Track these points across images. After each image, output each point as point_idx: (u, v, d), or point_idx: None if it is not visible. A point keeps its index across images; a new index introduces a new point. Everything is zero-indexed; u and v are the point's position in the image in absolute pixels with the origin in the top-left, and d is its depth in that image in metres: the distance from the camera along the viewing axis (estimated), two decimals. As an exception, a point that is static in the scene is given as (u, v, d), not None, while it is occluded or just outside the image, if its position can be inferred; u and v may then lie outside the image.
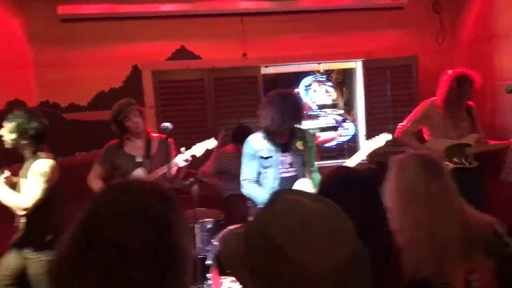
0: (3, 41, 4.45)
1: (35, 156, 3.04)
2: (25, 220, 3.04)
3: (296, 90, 5.96)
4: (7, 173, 3.03)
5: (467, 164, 3.84)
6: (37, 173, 2.97)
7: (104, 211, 0.93)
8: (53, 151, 4.77)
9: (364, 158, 3.58)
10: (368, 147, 3.50)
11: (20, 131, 2.99)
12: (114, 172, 3.63)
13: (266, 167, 3.27)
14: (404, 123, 4.14)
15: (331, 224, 0.94)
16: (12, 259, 3.09)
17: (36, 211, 3.00)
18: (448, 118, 3.98)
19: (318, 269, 0.88)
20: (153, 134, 3.70)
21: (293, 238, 0.90)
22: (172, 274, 0.92)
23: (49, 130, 4.79)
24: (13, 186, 3.08)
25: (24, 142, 3.01)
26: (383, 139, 3.50)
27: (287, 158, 3.26)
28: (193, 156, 3.61)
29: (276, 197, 1.02)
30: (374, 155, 5.36)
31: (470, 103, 4.02)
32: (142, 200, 0.95)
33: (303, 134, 3.33)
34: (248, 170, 3.33)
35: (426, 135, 4.12)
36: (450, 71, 3.96)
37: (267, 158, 3.25)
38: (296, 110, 3.19)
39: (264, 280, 0.93)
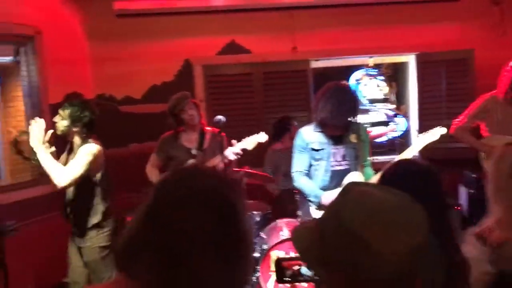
0: (62, 37, 4.66)
1: (84, 142, 3.14)
2: (70, 209, 3.17)
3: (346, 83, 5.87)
4: (53, 148, 3.11)
5: None
6: (83, 153, 3.06)
7: (169, 195, 0.96)
8: (108, 141, 4.98)
9: (416, 154, 3.47)
10: (422, 141, 3.39)
11: (74, 119, 3.12)
12: (169, 162, 3.74)
13: (317, 160, 3.24)
14: (460, 118, 4.02)
15: (403, 212, 0.96)
16: (73, 250, 3.24)
17: (80, 196, 3.11)
18: (510, 112, 3.81)
19: (393, 255, 0.90)
20: (207, 128, 3.77)
21: (368, 225, 0.93)
22: (236, 258, 0.95)
23: (105, 121, 5.01)
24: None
25: (76, 129, 3.13)
26: (437, 133, 3.39)
27: (340, 151, 3.22)
28: (244, 150, 3.64)
29: (347, 188, 1.05)
30: (426, 152, 5.25)
31: None
32: (206, 184, 0.98)
33: (357, 128, 3.27)
34: (299, 162, 3.31)
35: (484, 131, 3.98)
36: None
37: (318, 150, 3.22)
38: (354, 103, 3.18)
39: (340, 270, 0.95)
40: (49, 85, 4.37)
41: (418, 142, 3.40)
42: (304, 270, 3.45)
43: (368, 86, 5.83)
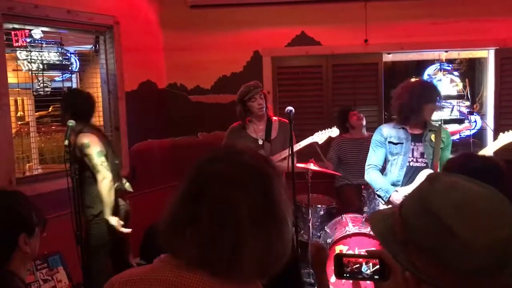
0: (138, 26, 4.83)
1: (80, 131, 3.22)
2: None
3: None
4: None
5: None
6: (94, 155, 3.17)
7: (213, 171, 0.99)
8: (177, 130, 5.16)
9: (492, 154, 3.34)
10: (503, 140, 3.31)
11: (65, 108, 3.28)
12: None
13: (395, 154, 3.24)
14: None
15: (491, 204, 0.95)
16: None
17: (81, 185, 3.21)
18: None
19: (480, 245, 0.90)
20: (274, 118, 3.78)
21: (457, 213, 0.92)
22: (277, 231, 0.98)
23: (175, 110, 5.18)
24: None
25: (69, 117, 3.17)
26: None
27: (419, 148, 3.21)
28: (315, 143, 3.63)
29: (435, 176, 1.04)
30: (502, 153, 4.98)
31: None
32: (248, 160, 1.01)
33: (439, 129, 3.27)
34: (374, 156, 3.34)
35: None
36: None
37: (396, 144, 3.23)
38: (433, 97, 3.16)
39: (422, 254, 0.95)
40: (125, 74, 4.56)
41: (499, 140, 3.34)
42: (365, 268, 3.41)
43: (442, 82, 5.60)
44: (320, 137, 3.68)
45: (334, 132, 3.72)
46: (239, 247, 0.94)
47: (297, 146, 3.56)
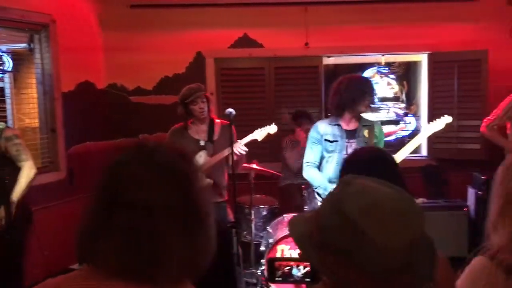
0: (76, 25, 4.68)
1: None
2: None
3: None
4: None
5: None
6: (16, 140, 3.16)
7: (126, 171, 0.94)
8: (118, 131, 5.04)
9: (425, 154, 3.50)
10: (429, 129, 3.46)
11: None
12: None
13: (330, 152, 3.30)
14: (490, 117, 4.04)
15: (401, 205, 0.98)
16: None
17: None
18: None
19: (390, 246, 0.93)
20: (217, 120, 3.78)
21: (368, 215, 0.95)
22: (199, 229, 0.95)
23: (115, 111, 5.06)
24: None
25: None
26: (443, 121, 3.44)
27: (353, 144, 3.28)
28: (254, 141, 3.66)
29: (348, 180, 1.06)
30: (436, 152, 5.23)
31: None
32: (161, 159, 0.96)
33: (372, 124, 3.37)
34: (311, 153, 3.37)
35: (509, 130, 4.00)
36: None
37: (332, 142, 3.29)
38: (367, 91, 3.25)
39: (337, 255, 0.97)
40: (62, 74, 4.40)
41: (425, 131, 3.47)
42: (295, 271, 3.46)
43: (379, 84, 5.81)
44: (259, 134, 3.70)
45: (272, 128, 3.75)
46: (160, 251, 0.90)
47: (238, 145, 3.55)
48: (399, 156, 3.34)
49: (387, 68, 5.87)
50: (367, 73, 5.85)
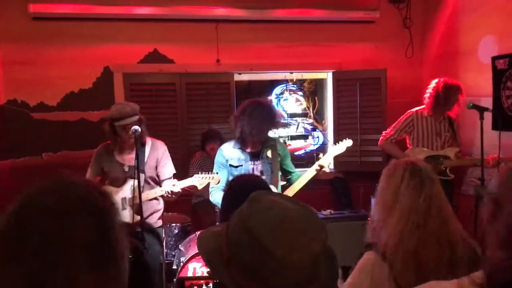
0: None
1: None
2: None
3: (268, 98, 6.02)
4: None
5: (443, 176, 3.91)
6: None
7: (39, 202, 0.88)
8: (20, 150, 4.73)
9: (332, 168, 3.64)
10: (332, 152, 3.59)
11: None
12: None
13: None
14: (388, 130, 4.27)
15: (305, 221, 1.03)
16: None
17: None
18: (432, 126, 4.13)
19: (295, 262, 0.96)
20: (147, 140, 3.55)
21: (273, 232, 0.98)
22: (109, 265, 0.90)
23: (16, 129, 4.75)
24: None
25: None
26: (344, 145, 3.59)
27: (258, 166, 3.34)
28: (193, 187, 3.47)
29: (255, 197, 1.09)
30: (341, 165, 5.49)
31: (451, 114, 4.16)
32: (78, 193, 0.91)
33: (274, 143, 3.42)
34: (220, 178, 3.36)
35: (408, 144, 4.26)
36: (436, 79, 4.10)
37: (237, 167, 3.32)
38: (271, 119, 3.28)
39: (244, 273, 0.99)
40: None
41: (330, 153, 3.61)
42: None
43: (288, 101, 6.02)
44: (200, 181, 3.36)
45: (215, 178, 3.36)
46: (68, 284, 0.84)
47: (176, 188, 3.35)
48: (305, 176, 3.43)
49: (295, 85, 6.09)
50: (276, 90, 6.04)
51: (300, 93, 6.11)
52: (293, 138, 5.94)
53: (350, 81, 5.37)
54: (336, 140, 5.39)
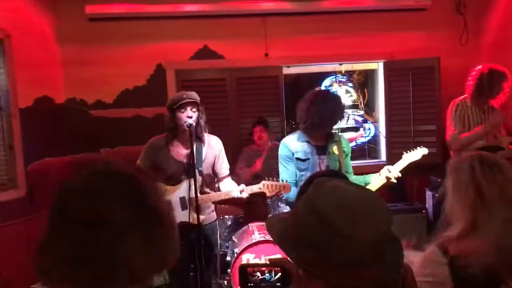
0: (33, 39, 4.60)
1: None
2: None
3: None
4: None
5: None
6: None
7: (77, 185, 0.96)
8: (78, 146, 4.96)
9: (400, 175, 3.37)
10: (406, 160, 3.33)
11: None
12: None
13: (303, 170, 3.19)
14: (452, 130, 3.99)
15: (370, 202, 1.08)
16: None
17: None
18: (476, 116, 3.93)
19: (361, 239, 1.01)
20: (205, 136, 3.49)
21: (338, 211, 1.03)
22: (157, 236, 0.96)
23: (75, 126, 4.98)
24: None
25: None
26: (420, 153, 3.35)
27: (324, 161, 3.18)
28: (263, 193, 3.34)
29: (320, 182, 1.15)
30: (394, 156, 5.38)
31: (495, 104, 3.96)
32: (112, 169, 0.99)
33: (339, 139, 3.26)
34: (286, 173, 3.23)
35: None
36: (480, 66, 3.90)
37: (304, 160, 3.18)
38: (342, 109, 3.17)
39: (312, 251, 1.05)
40: (19, 89, 4.31)
41: (404, 160, 3.34)
42: (268, 276, 3.47)
43: (337, 93, 5.96)
44: (269, 189, 3.18)
45: (286, 187, 3.17)
46: (123, 260, 0.90)
47: (244, 194, 3.25)
48: (372, 185, 3.18)
49: (344, 77, 6.03)
50: (326, 82, 6.00)
51: (350, 84, 6.04)
52: (343, 130, 5.88)
53: (402, 70, 5.25)
54: (388, 132, 5.34)
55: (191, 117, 3.18)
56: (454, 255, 1.66)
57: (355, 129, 5.96)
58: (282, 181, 3.14)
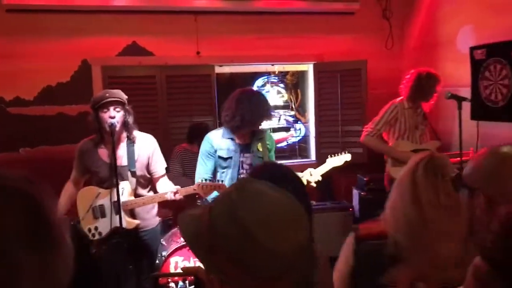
0: None
1: None
2: None
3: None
4: None
5: None
6: None
7: None
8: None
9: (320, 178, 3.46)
10: (329, 164, 3.49)
11: None
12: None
13: (224, 168, 3.20)
14: (369, 125, 4.16)
15: (292, 211, 1.04)
16: None
17: None
18: (412, 118, 4.10)
19: (284, 252, 0.97)
20: (137, 135, 3.38)
21: (260, 222, 0.98)
22: (50, 247, 0.89)
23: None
24: None
25: None
26: (343, 159, 3.52)
27: (247, 159, 3.20)
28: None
29: (243, 185, 1.09)
30: (322, 156, 5.51)
31: (425, 107, 4.14)
32: (9, 183, 0.90)
33: (264, 136, 3.27)
34: (203, 168, 3.22)
35: (388, 137, 4.19)
36: (413, 70, 4.06)
37: (226, 159, 3.18)
38: (269, 108, 3.17)
39: (229, 261, 0.99)
40: None
41: (326, 165, 3.48)
42: (181, 285, 3.42)
43: (270, 93, 6.01)
44: (204, 191, 3.04)
45: (221, 187, 3.04)
46: (12, 272, 0.82)
47: (178, 196, 3.16)
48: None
49: (277, 77, 6.08)
50: (258, 82, 6.02)
51: (282, 85, 6.10)
52: (275, 130, 5.93)
53: (331, 72, 5.38)
54: (318, 132, 5.45)
55: (114, 117, 3.02)
56: (362, 236, 1.77)
57: (286, 129, 6.03)
58: (218, 181, 3.08)
